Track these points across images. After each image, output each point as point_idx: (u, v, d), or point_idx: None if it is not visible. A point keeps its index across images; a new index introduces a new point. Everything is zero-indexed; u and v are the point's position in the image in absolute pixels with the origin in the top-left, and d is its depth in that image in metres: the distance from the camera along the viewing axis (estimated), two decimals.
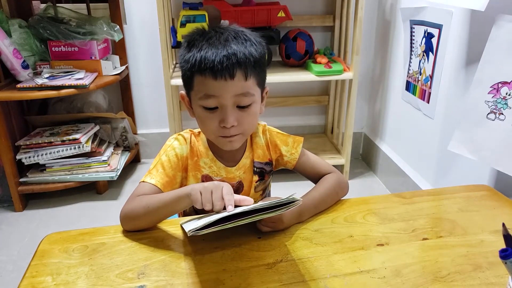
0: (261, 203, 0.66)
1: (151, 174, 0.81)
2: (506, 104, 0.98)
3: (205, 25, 1.00)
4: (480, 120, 1.05)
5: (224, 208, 0.65)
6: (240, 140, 0.81)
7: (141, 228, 0.77)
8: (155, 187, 0.79)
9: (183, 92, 0.83)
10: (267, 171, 0.91)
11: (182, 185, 0.85)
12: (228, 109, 0.74)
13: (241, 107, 0.75)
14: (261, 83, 0.79)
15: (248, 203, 0.67)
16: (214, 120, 0.76)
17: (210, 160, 0.86)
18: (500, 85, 0.99)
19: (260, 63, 0.76)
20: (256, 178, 0.89)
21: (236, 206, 0.67)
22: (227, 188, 0.67)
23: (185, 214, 0.94)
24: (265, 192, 0.95)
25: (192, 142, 0.86)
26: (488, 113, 1.02)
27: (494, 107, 1.01)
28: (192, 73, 0.74)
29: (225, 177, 0.87)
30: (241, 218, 0.63)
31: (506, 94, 0.98)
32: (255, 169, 0.89)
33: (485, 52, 1.03)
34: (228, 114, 0.74)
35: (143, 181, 0.80)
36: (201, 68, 0.72)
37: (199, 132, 0.88)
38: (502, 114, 0.99)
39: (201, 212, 0.70)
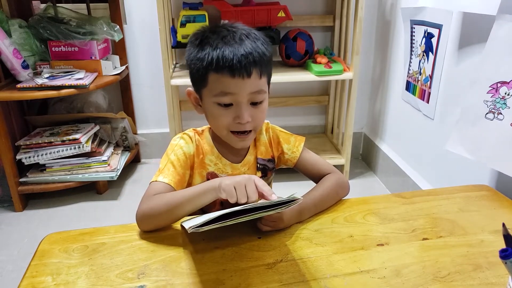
0: (262, 201, 0.66)
1: (163, 173, 0.81)
2: (505, 104, 0.98)
3: (203, 25, 1.00)
4: (478, 120, 1.04)
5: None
6: (252, 137, 0.82)
7: (161, 227, 0.77)
8: (169, 186, 0.79)
9: (190, 89, 0.83)
10: (270, 168, 0.92)
11: (188, 183, 0.85)
12: (243, 106, 0.76)
13: (254, 104, 0.77)
14: (269, 81, 0.82)
15: (269, 198, 0.67)
16: (228, 117, 0.77)
17: (216, 158, 0.86)
18: (499, 84, 0.99)
19: (270, 62, 0.79)
20: (259, 174, 0.90)
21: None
22: (260, 181, 0.67)
23: None
24: None
25: (197, 140, 0.87)
26: (487, 113, 1.02)
27: (493, 106, 1.00)
28: (206, 71, 0.74)
29: (231, 174, 0.87)
30: (241, 216, 0.64)
31: (505, 94, 0.98)
32: (258, 165, 0.90)
33: (485, 51, 1.02)
34: (243, 111, 0.76)
35: (156, 181, 0.80)
36: (219, 66, 0.72)
37: (202, 131, 0.88)
38: (501, 114, 0.99)
39: (203, 212, 0.71)
